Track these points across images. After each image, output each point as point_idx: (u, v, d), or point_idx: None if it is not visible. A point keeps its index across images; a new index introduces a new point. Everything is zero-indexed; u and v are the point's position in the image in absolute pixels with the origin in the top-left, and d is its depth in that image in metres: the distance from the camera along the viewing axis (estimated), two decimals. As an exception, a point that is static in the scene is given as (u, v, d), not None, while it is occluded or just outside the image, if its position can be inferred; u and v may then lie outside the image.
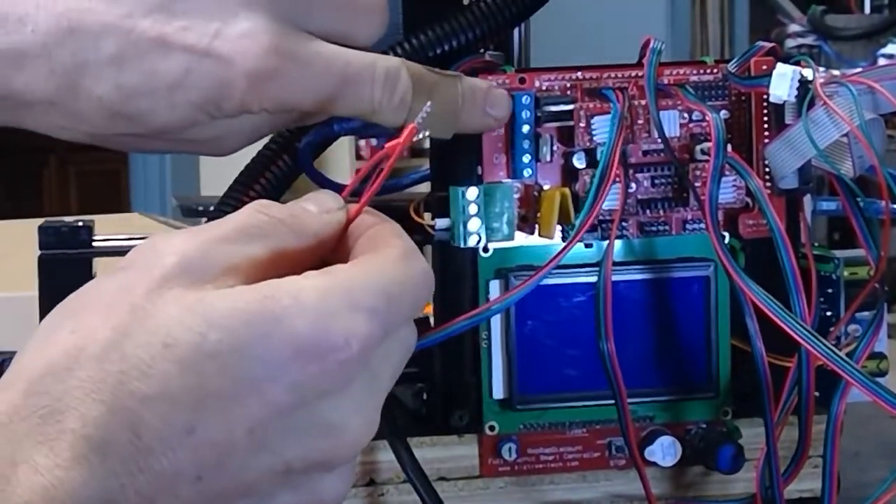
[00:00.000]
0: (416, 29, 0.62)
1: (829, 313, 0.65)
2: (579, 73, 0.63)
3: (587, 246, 0.63)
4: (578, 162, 0.62)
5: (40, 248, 0.69)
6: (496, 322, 0.63)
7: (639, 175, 0.63)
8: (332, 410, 0.43)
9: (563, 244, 0.60)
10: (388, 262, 0.46)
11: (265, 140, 0.62)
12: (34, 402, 0.40)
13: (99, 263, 0.75)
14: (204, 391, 0.41)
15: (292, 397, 0.42)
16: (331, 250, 0.48)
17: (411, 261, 0.47)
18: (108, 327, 0.42)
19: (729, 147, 0.61)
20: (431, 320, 0.63)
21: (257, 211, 0.46)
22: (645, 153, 0.63)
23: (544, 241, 0.62)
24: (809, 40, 2.36)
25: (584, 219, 0.60)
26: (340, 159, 3.36)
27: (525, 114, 0.62)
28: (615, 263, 0.62)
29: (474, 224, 0.59)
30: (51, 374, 0.41)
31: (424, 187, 0.68)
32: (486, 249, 0.63)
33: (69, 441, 0.40)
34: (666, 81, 0.63)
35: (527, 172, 0.62)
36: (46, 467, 0.39)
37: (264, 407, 0.42)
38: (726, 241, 0.61)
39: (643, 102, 0.62)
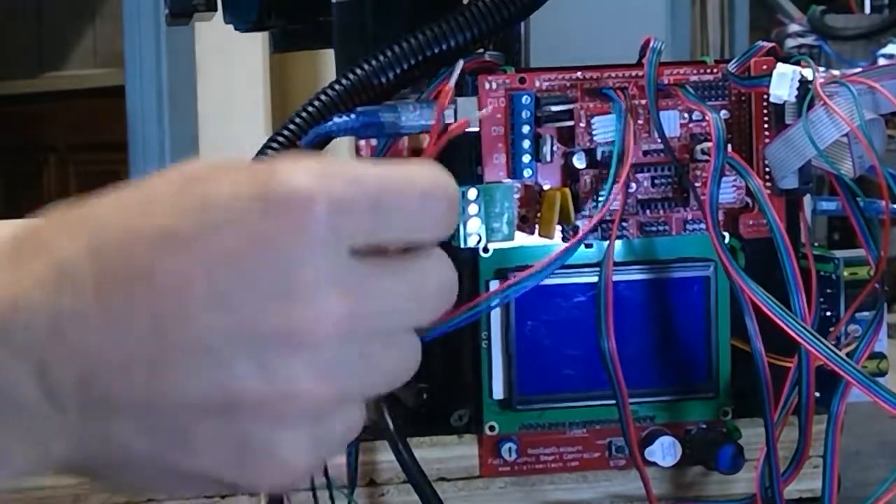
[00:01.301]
0: (414, 28, 0.62)
1: (829, 313, 0.65)
2: (579, 73, 0.63)
3: (587, 246, 0.63)
4: (578, 162, 0.62)
5: (40, 248, 0.68)
6: (496, 322, 0.63)
7: (639, 175, 0.63)
8: (296, 268, 0.41)
9: (564, 244, 0.60)
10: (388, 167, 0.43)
11: (266, 140, 0.62)
12: (22, 243, 0.41)
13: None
14: (162, 228, 0.41)
15: (249, 245, 0.40)
16: None
17: (420, 167, 0.43)
18: (112, 199, 0.42)
19: (729, 147, 0.61)
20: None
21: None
22: (645, 153, 0.63)
23: (544, 242, 0.62)
24: (809, 40, 2.36)
25: (601, 208, 0.60)
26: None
27: (525, 114, 0.62)
28: (615, 263, 0.62)
29: (474, 224, 0.59)
30: (43, 224, 0.41)
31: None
32: (486, 250, 0.63)
33: (43, 263, 0.40)
34: (666, 81, 0.63)
35: (527, 172, 0.62)
36: (19, 283, 0.40)
37: (221, 253, 0.40)
38: (726, 241, 0.61)
39: (643, 102, 0.62)
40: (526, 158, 0.62)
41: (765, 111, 0.63)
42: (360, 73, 0.61)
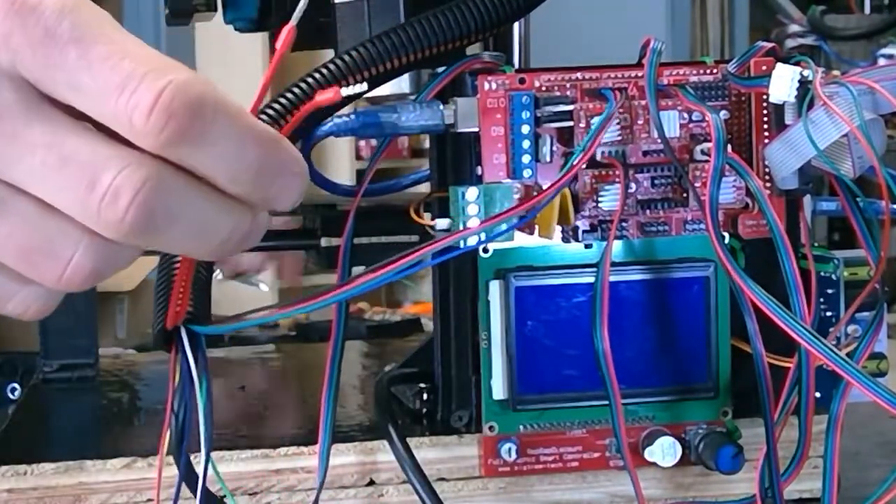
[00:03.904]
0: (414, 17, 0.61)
1: (829, 314, 0.65)
2: (579, 74, 0.63)
3: (587, 246, 0.63)
4: (578, 162, 0.62)
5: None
6: (496, 322, 0.63)
7: (639, 175, 0.63)
8: None
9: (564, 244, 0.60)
10: None
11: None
12: None
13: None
14: None
15: None
16: None
17: None
18: None
19: (729, 147, 0.61)
20: (430, 321, 0.63)
21: None
22: (645, 153, 0.63)
23: (544, 242, 0.62)
24: (809, 40, 2.36)
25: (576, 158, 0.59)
26: (340, 159, 3.36)
27: (525, 114, 0.62)
28: (615, 264, 0.62)
29: (474, 224, 0.59)
30: None
31: (424, 187, 0.68)
32: (485, 250, 0.63)
33: None
34: (666, 82, 0.63)
35: (527, 173, 0.62)
36: None
37: None
38: (726, 241, 0.61)
39: (643, 103, 0.62)
40: (526, 158, 0.62)
41: (765, 111, 0.63)
42: (361, 53, 0.60)
